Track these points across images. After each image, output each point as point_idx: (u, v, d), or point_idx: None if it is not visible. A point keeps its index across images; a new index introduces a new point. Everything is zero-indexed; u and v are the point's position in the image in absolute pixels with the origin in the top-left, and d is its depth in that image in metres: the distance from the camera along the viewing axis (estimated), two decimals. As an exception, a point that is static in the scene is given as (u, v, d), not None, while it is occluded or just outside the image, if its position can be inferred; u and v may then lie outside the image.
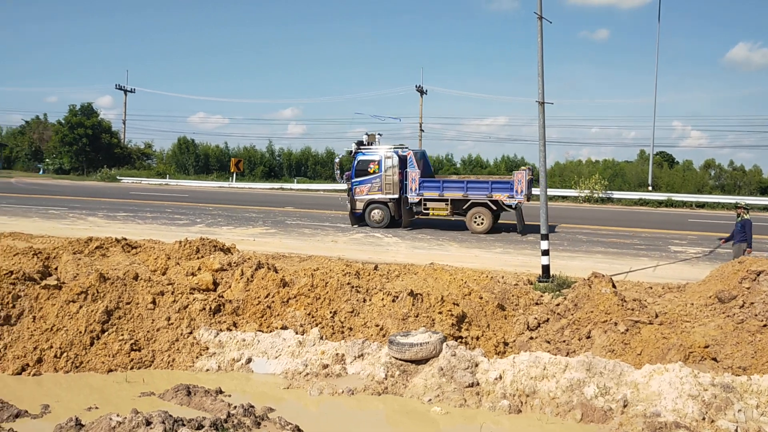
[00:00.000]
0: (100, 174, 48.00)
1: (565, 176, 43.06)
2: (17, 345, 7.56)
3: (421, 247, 16.51)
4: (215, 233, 16.99)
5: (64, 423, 5.25)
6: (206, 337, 7.88)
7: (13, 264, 10.04)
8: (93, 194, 31.41)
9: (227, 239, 13.94)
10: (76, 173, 51.47)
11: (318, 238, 17.65)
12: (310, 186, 45.97)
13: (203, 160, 57.12)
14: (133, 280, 8.63)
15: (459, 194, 19.27)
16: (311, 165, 56.31)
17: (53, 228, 17.32)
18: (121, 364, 7.40)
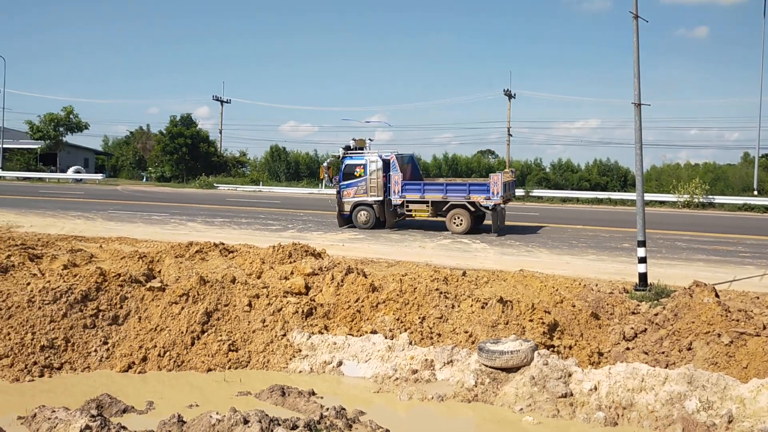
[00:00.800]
0: (199, 181, 50.18)
1: (662, 180, 41.26)
2: (124, 344, 8.04)
3: (510, 253, 16.27)
4: (306, 238, 17.40)
5: (167, 419, 5.53)
6: (299, 340, 8.09)
7: (120, 267, 10.67)
8: (192, 201, 32.90)
9: (317, 244, 14.25)
10: (177, 181, 54.05)
11: (405, 243, 17.73)
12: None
13: (294, 167, 58.63)
14: (230, 283, 8.99)
15: (439, 196, 19.88)
16: (398, 171, 56.77)
17: (156, 233, 18.27)
18: (220, 364, 7.72)
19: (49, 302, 8.19)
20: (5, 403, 6.71)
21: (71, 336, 7.92)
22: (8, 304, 8.16)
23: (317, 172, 53.01)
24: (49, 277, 9.32)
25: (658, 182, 40.92)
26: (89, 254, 12.35)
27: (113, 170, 65.06)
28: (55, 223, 19.99)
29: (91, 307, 8.30)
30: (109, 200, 30.93)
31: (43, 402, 6.11)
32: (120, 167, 65.75)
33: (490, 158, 61.75)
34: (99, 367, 7.68)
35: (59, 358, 7.65)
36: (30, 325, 7.90)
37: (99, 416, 5.28)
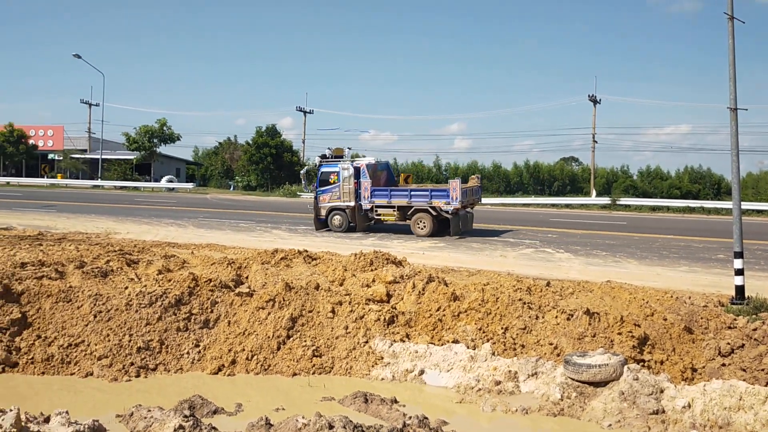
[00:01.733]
0: (283, 190, 51.50)
1: (759, 188, 39.04)
2: (214, 347, 8.34)
3: (596, 263, 15.80)
4: (386, 246, 17.51)
5: (255, 422, 5.68)
6: (381, 347, 8.15)
7: (210, 272, 11.08)
8: (276, 209, 33.78)
9: (398, 252, 14.32)
10: (262, 189, 55.67)
11: (486, 252, 17.54)
12: (478, 200, 45.82)
13: (374, 176, 59.22)
14: (314, 289, 9.18)
15: (404, 201, 21.21)
16: (478, 179, 56.29)
17: (243, 240, 18.87)
18: (304, 369, 7.88)
19: (146, 306, 8.62)
20: (105, 401, 7.09)
21: (165, 338, 8.29)
22: (108, 307, 8.63)
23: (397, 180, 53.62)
24: (145, 281, 9.81)
25: (755, 190, 38.75)
26: (182, 260, 12.89)
27: (203, 179, 67.76)
28: (149, 230, 21.00)
29: (183, 311, 8.67)
30: (199, 208, 32.20)
31: (139, 401, 6.41)
32: (209, 176, 68.41)
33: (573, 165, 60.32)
34: (191, 369, 8.01)
35: (154, 359, 8.03)
36: (128, 328, 8.33)
37: (191, 416, 5.49)
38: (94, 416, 5.23)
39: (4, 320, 8.27)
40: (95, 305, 8.62)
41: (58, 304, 8.67)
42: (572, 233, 21.03)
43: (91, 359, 7.88)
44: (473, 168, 58.17)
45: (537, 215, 33.73)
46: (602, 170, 50.12)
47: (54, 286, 9.03)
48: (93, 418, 4.80)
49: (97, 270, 10.65)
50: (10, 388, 7.27)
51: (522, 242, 19.81)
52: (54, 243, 15.20)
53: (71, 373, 7.76)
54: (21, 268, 10.83)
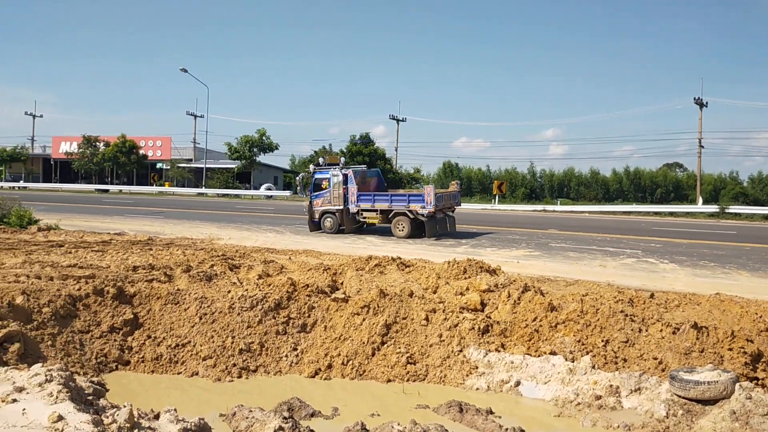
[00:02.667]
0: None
1: None
2: (311, 351, 8.52)
3: (704, 275, 14.97)
4: (479, 254, 17.33)
5: (351, 426, 5.75)
6: (475, 357, 8.06)
7: (307, 278, 11.37)
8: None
9: (491, 260, 14.13)
10: (355, 197, 56.55)
11: (585, 262, 17.01)
12: (574, 207, 44.56)
13: (466, 182, 58.91)
14: (408, 296, 9.21)
15: (386, 205, 22.80)
16: (574, 186, 54.77)
17: (337, 246, 19.23)
18: (398, 376, 7.91)
19: (247, 309, 8.94)
20: (208, 400, 7.40)
21: (265, 341, 8.56)
22: (212, 310, 9.01)
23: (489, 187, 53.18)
24: (246, 285, 10.18)
25: None
26: (280, 265, 13.30)
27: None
28: (249, 236, 21.79)
29: (282, 315, 8.93)
30: (295, 215, 33.04)
31: (241, 401, 6.64)
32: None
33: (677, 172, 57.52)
34: (289, 372, 8.22)
35: (255, 361, 8.30)
36: (230, 330, 8.67)
37: (290, 418, 5.63)
38: (199, 414, 5.45)
39: (117, 320, 8.80)
40: (201, 307, 9.02)
41: (166, 305, 9.14)
42: (677, 243, 20.04)
43: (197, 359, 8.25)
44: (569, 175, 56.69)
45: (638, 224, 32.39)
46: (709, 176, 47.53)
47: (163, 289, 9.53)
48: (199, 417, 5.00)
49: (202, 274, 11.18)
50: (122, 386, 7.70)
51: (622, 252, 19.09)
52: (162, 248, 16.06)
53: (178, 373, 8.15)
54: (133, 271, 11.53)
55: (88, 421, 4.12)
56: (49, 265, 11.66)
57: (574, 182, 54.77)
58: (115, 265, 12.40)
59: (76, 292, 9.04)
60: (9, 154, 70.89)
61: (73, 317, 8.65)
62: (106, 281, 9.92)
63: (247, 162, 61.23)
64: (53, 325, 8.32)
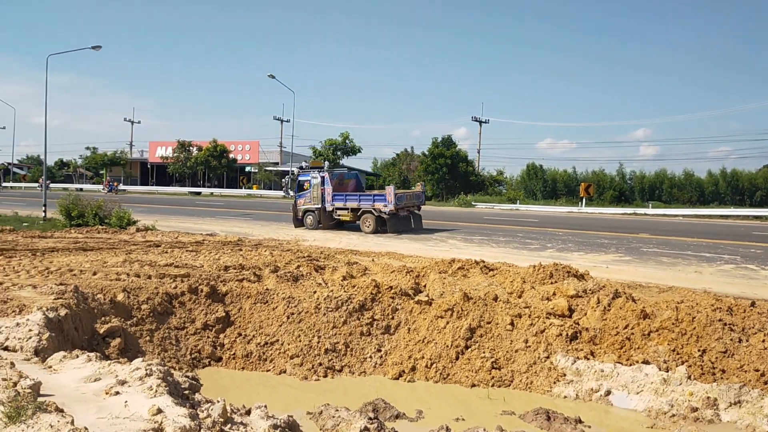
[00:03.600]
0: (458, 200, 51.82)
1: None
2: (395, 353, 8.57)
3: (811, 283, 13.98)
4: (566, 258, 16.88)
5: (436, 429, 5.72)
6: (563, 364, 7.86)
7: (390, 280, 11.43)
8: (451, 218, 34.00)
9: (578, 265, 13.73)
10: (437, 199, 56.44)
11: (679, 267, 16.25)
12: (667, 211, 42.65)
13: (551, 185, 57.57)
14: (492, 300, 9.10)
15: (355, 204, 24.86)
16: (666, 188, 52.49)
17: (420, 249, 19.22)
18: (483, 381, 7.82)
19: (332, 309, 9.09)
20: (296, 398, 7.57)
21: (350, 342, 8.68)
22: (299, 310, 9.23)
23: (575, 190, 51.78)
24: (331, 286, 10.35)
25: None
26: (363, 267, 13.44)
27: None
28: (333, 238, 22.13)
29: (367, 316, 9.03)
30: (377, 217, 33.34)
31: (327, 400, 6.75)
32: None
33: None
34: (373, 373, 8.30)
35: (340, 361, 8.43)
36: (316, 330, 8.84)
37: (375, 419, 5.68)
38: (287, 412, 5.59)
39: (210, 318, 9.15)
40: (288, 307, 9.25)
41: (256, 304, 9.43)
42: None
43: (285, 358, 8.46)
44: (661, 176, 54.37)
45: (736, 228, 30.66)
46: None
47: (253, 288, 9.83)
48: (288, 414, 5.12)
49: (289, 274, 11.45)
50: (214, 381, 8.00)
51: (719, 257, 18.12)
52: (251, 248, 16.57)
53: (267, 370, 8.39)
54: (224, 271, 11.96)
55: (185, 415, 4.29)
56: (147, 264, 12.26)
57: (667, 184, 52.46)
58: (208, 264, 12.89)
59: (172, 290, 9.47)
60: (110, 158, 75.20)
61: (170, 314, 9.06)
62: (200, 280, 10.34)
63: (331, 165, 62.27)
64: (151, 321, 8.75)
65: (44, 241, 16.15)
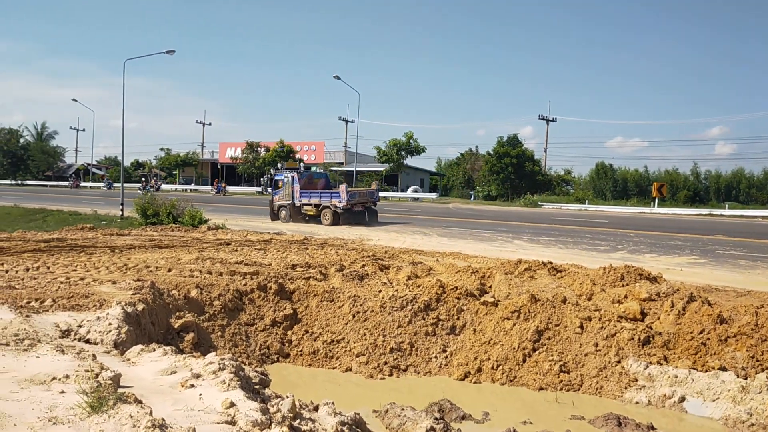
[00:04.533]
0: (524, 200, 51.07)
1: None
2: (461, 353, 8.53)
3: None
4: (638, 260, 16.40)
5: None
6: (635, 369, 7.65)
7: (455, 280, 11.37)
8: (517, 219, 33.56)
9: (651, 267, 13.31)
10: (502, 199, 55.82)
11: (758, 271, 15.53)
12: (745, 212, 40.80)
13: (621, 184, 56.06)
14: (561, 302, 8.93)
15: (317, 201, 27.69)
16: (744, 188, 50.26)
17: (485, 249, 19.05)
18: (551, 384, 7.69)
19: (397, 309, 9.13)
20: (362, 396, 7.64)
21: (415, 341, 8.70)
22: (364, 308, 9.31)
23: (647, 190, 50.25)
24: (396, 286, 10.39)
25: None
26: (428, 267, 13.43)
27: (445, 189, 70.01)
28: (397, 238, 22.21)
29: (432, 316, 9.02)
30: (441, 217, 33.26)
31: (392, 399, 6.78)
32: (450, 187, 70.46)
33: None
34: (438, 373, 8.29)
35: (405, 360, 8.46)
36: (381, 329, 8.90)
37: (441, 420, 5.68)
38: (353, 409, 5.65)
39: (278, 315, 9.35)
40: (354, 306, 9.35)
41: (322, 303, 9.57)
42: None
43: (350, 356, 8.56)
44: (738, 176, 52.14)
45: (823, 230, 29.02)
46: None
47: (319, 287, 9.98)
48: (354, 411, 5.18)
49: (354, 273, 11.57)
50: (282, 377, 8.16)
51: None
52: (317, 247, 16.83)
53: (333, 367, 8.50)
54: (292, 269, 12.20)
55: (256, 409, 4.40)
56: (219, 262, 12.63)
57: (744, 184, 50.27)
58: (276, 262, 13.17)
59: (242, 287, 9.72)
60: (182, 159, 77.73)
61: (240, 311, 9.31)
62: (269, 278, 10.58)
63: (395, 165, 62.47)
64: (222, 317, 9.01)
65: (122, 239, 16.87)
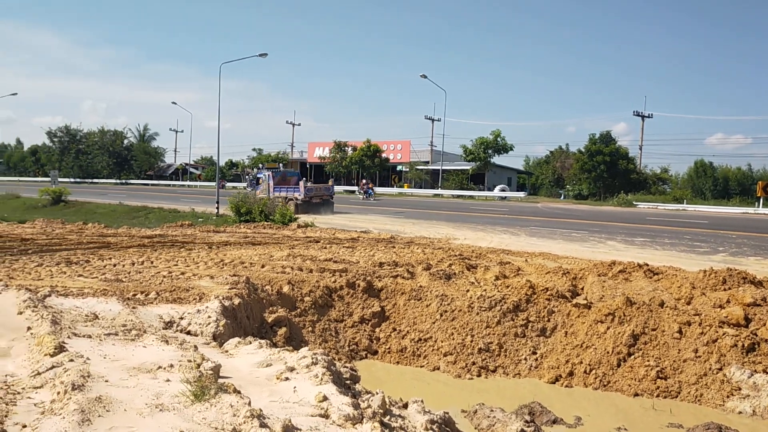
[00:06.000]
0: (617, 199, 49.31)
1: None
2: (551, 356, 8.36)
3: None
4: (741, 263, 15.49)
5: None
6: (738, 377, 7.26)
7: (545, 281, 11.15)
8: (610, 219, 32.45)
9: (756, 271, 12.55)
10: (594, 198, 54.13)
11: None
12: None
13: (722, 183, 53.17)
14: (658, 306, 8.59)
15: (285, 194, 31.68)
16: None
17: (576, 250, 18.53)
18: (647, 390, 7.42)
19: (486, 309, 9.06)
20: (449, 395, 7.64)
21: (504, 342, 8.61)
22: (452, 308, 9.29)
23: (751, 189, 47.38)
24: (484, 286, 10.30)
25: None
26: (516, 267, 13.22)
27: (533, 188, 68.70)
28: (484, 237, 21.97)
29: (521, 318, 8.90)
30: (530, 217, 32.64)
31: (480, 400, 6.75)
32: (539, 185, 69.06)
33: None
34: (528, 375, 8.17)
35: (493, 361, 8.39)
36: (469, 329, 8.86)
37: (532, 423, 5.61)
38: (441, 408, 5.66)
39: (367, 312, 9.48)
40: (441, 305, 9.35)
41: (410, 301, 9.63)
42: None
43: (438, 355, 8.57)
44: None
45: None
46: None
47: (407, 285, 10.04)
48: (444, 411, 5.19)
49: (441, 272, 11.55)
50: (371, 373, 8.28)
51: None
52: (404, 246, 16.92)
53: (420, 366, 8.54)
54: (379, 267, 12.32)
55: (348, 404, 4.50)
56: (309, 259, 12.94)
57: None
58: (364, 260, 13.35)
59: (331, 284, 9.93)
60: (273, 158, 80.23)
61: (329, 307, 9.52)
62: (357, 275, 10.74)
63: (482, 163, 61.85)
64: (312, 313, 9.23)
65: (218, 236, 17.58)
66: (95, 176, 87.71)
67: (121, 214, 28.63)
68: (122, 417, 3.84)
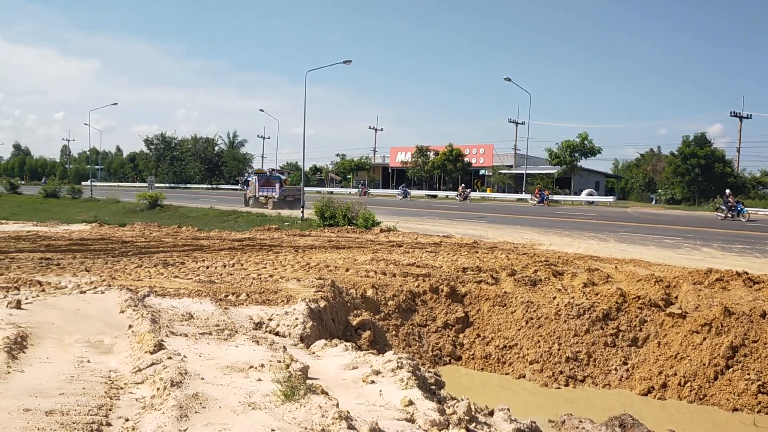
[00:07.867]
0: (713, 204, 46.89)
1: None
2: (643, 367, 8.06)
3: None
4: None
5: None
6: None
7: (637, 289, 10.75)
8: (706, 224, 30.90)
9: None
10: (687, 203, 51.72)
11: None
12: None
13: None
14: (759, 317, 8.12)
15: (266, 194, 39.02)
16: None
17: (669, 257, 17.76)
18: (747, 405, 7.03)
19: (573, 317, 8.83)
20: (536, 404, 7.50)
21: (593, 352, 8.36)
22: (538, 315, 9.12)
23: None
24: (571, 293, 10.05)
25: None
26: (605, 274, 12.82)
27: (622, 192, 66.38)
28: (570, 243, 21.41)
29: (611, 327, 8.62)
30: (619, 222, 31.55)
31: (568, 410, 6.57)
32: (629, 189, 66.66)
33: None
34: (618, 386, 7.90)
35: (582, 371, 8.16)
36: (556, 336, 8.66)
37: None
38: (527, 417, 5.56)
39: (450, 318, 9.45)
40: (527, 312, 9.19)
41: (494, 307, 9.52)
42: None
43: (524, 362, 8.43)
44: None
45: None
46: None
47: (491, 291, 9.94)
48: (531, 420, 5.10)
49: (526, 278, 11.36)
50: (454, 379, 8.24)
51: None
52: (487, 251, 16.74)
53: (506, 373, 8.43)
54: (462, 272, 12.26)
55: (434, 409, 4.50)
56: (392, 263, 13.03)
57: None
58: (446, 265, 13.31)
59: (415, 289, 9.96)
60: (356, 163, 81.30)
61: (413, 311, 9.54)
62: (440, 280, 10.72)
63: (568, 167, 60.29)
64: (396, 317, 9.29)
65: (303, 239, 17.99)
66: (188, 181, 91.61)
67: (212, 217, 29.80)
68: (217, 414, 3.99)
